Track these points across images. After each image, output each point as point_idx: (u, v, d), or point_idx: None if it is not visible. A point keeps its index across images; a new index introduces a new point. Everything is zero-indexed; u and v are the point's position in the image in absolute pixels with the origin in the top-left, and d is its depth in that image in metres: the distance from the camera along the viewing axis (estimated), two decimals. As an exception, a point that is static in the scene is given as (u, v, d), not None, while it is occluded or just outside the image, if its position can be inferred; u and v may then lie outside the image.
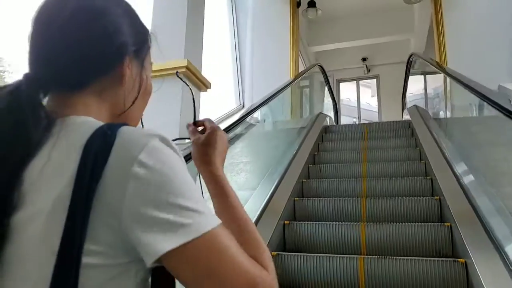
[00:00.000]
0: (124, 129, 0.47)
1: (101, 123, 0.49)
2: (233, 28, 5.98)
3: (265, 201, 2.66)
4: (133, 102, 0.60)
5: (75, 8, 0.54)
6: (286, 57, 6.58)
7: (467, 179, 2.63)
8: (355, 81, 10.61)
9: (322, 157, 3.86)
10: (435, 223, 2.37)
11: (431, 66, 4.34)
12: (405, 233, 2.33)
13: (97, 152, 0.44)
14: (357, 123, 9.81)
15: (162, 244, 0.43)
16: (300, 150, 3.69)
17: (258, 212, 2.49)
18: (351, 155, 3.77)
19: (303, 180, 3.24)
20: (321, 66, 6.10)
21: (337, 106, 7.36)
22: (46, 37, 0.53)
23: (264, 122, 4.98)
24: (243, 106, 5.80)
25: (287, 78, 5.97)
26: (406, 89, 6.80)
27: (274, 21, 6.62)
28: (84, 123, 0.50)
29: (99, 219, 0.43)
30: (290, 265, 2.20)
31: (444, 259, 2.01)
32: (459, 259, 1.98)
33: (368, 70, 10.15)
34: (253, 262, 0.48)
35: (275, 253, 2.26)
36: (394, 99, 8.28)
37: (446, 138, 3.61)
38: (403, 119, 5.51)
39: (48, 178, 0.45)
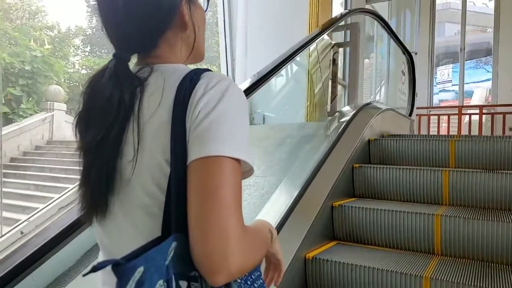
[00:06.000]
0: (206, 73, 0.66)
1: (188, 69, 0.68)
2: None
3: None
4: (195, 40, 0.75)
5: None
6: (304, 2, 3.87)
7: None
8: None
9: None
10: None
11: None
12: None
13: (185, 90, 0.63)
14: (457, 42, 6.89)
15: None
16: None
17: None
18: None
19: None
20: (369, 12, 3.60)
21: (415, 79, 4.62)
22: (113, 14, 0.68)
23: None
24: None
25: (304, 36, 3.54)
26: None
27: None
28: (175, 70, 0.68)
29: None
30: (373, 177, 2.34)
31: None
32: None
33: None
34: (241, 216, 0.58)
35: (358, 165, 2.42)
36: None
37: None
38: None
39: (154, 108, 0.64)
